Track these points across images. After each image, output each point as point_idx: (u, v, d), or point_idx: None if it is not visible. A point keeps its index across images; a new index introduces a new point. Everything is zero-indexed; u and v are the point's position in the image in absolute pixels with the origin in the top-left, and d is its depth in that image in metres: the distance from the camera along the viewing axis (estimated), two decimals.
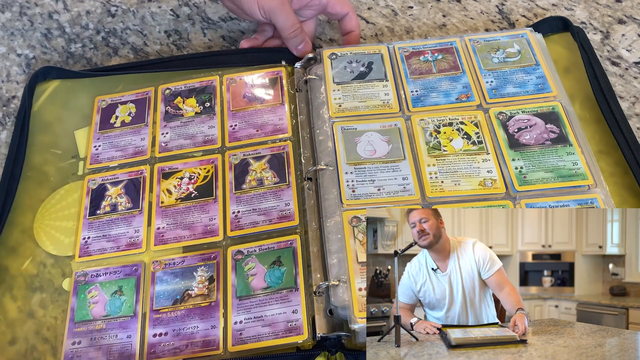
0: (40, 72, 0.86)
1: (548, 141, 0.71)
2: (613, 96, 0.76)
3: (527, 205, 0.66)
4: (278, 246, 0.68)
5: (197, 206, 0.72)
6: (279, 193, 0.72)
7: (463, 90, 0.77)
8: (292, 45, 0.83)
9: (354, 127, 0.74)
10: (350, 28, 0.86)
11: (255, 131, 0.78)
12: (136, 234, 0.71)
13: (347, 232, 0.65)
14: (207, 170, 0.75)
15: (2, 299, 0.69)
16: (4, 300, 0.69)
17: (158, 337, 0.65)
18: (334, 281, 0.63)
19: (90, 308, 0.67)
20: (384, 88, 0.78)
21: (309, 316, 0.63)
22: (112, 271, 0.69)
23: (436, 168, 0.70)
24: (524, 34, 0.81)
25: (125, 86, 0.85)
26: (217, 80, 0.83)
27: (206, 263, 0.68)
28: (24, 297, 0.70)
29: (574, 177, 0.68)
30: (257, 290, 0.66)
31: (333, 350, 0.62)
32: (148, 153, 0.78)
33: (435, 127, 0.73)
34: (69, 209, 0.75)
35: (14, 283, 0.71)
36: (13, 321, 0.68)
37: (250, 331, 0.63)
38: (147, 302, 0.67)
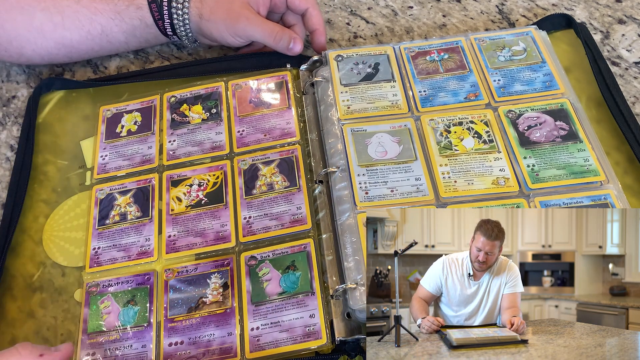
0: (43, 84, 0.85)
1: (558, 138, 0.71)
2: (619, 92, 0.76)
3: (541, 203, 0.66)
4: (291, 250, 0.68)
5: (208, 213, 0.72)
6: (290, 197, 0.72)
7: (471, 89, 0.77)
8: (282, 48, 0.82)
9: (363, 129, 0.74)
10: (312, 26, 0.85)
11: (263, 136, 0.77)
12: (147, 242, 0.71)
13: (362, 234, 0.65)
14: (216, 176, 0.75)
15: (2, 299, 0.69)
16: (4, 300, 0.69)
17: (174, 346, 0.64)
18: (350, 284, 0.63)
19: (104, 319, 0.66)
20: (392, 89, 0.78)
21: (326, 320, 0.63)
22: (124, 281, 0.69)
23: (448, 168, 0.69)
24: (528, 31, 0.82)
25: (129, 95, 0.84)
26: (223, 86, 0.83)
27: (220, 270, 0.68)
28: (24, 297, 0.69)
29: (586, 173, 0.68)
30: (273, 296, 0.65)
31: (352, 354, 0.62)
32: (156, 161, 0.77)
33: (446, 127, 0.73)
34: (77, 220, 0.74)
35: (14, 283, 0.70)
36: (13, 321, 0.68)
37: (268, 337, 0.63)
38: (161, 311, 0.66)
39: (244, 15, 0.79)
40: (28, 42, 0.81)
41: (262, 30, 0.80)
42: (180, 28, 0.82)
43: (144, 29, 0.83)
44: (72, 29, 0.81)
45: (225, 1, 0.80)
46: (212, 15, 0.80)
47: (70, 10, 0.81)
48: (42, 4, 0.80)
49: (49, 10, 0.80)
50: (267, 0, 0.82)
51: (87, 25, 0.81)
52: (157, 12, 0.80)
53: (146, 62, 0.91)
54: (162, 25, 0.81)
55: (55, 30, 0.81)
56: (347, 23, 0.93)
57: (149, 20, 0.81)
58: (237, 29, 0.80)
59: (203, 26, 0.81)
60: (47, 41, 0.82)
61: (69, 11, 0.80)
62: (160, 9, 0.80)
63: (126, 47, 0.86)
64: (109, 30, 0.82)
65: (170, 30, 0.82)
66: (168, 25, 0.81)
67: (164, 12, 0.80)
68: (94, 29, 0.82)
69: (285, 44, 0.81)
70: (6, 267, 0.71)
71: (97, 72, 0.90)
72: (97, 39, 0.83)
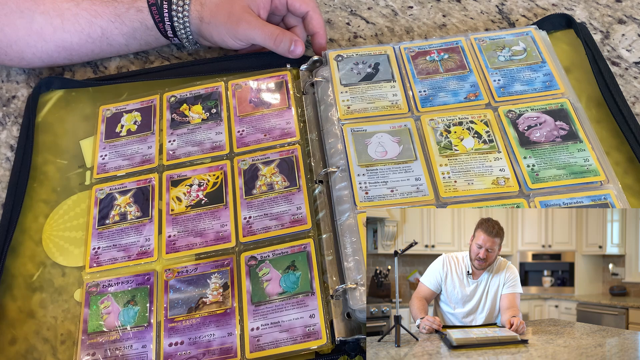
0: (43, 83, 0.85)
1: (558, 138, 0.71)
2: (619, 92, 0.76)
3: (541, 203, 0.66)
4: (291, 250, 0.68)
5: (208, 213, 0.72)
6: (290, 197, 0.72)
7: (471, 89, 0.77)
8: (283, 51, 0.81)
9: (363, 129, 0.74)
10: (313, 29, 0.84)
11: (263, 136, 0.77)
12: (147, 242, 0.71)
13: (362, 234, 0.65)
14: (216, 176, 0.75)
15: (2, 299, 0.69)
16: (4, 301, 0.69)
17: (174, 346, 0.64)
18: (351, 284, 0.63)
19: (104, 319, 0.66)
20: (392, 89, 0.78)
21: (326, 320, 0.63)
22: (124, 281, 0.69)
23: (448, 168, 0.69)
24: (528, 31, 0.82)
25: (129, 94, 0.84)
26: (223, 86, 0.83)
27: (220, 270, 0.68)
28: (24, 297, 0.69)
29: (586, 173, 0.68)
30: (273, 296, 0.65)
31: (352, 354, 0.62)
32: (156, 161, 0.77)
33: (446, 127, 0.73)
34: (77, 220, 0.74)
35: (14, 283, 0.70)
36: (13, 321, 0.68)
37: (268, 337, 0.63)
38: (161, 311, 0.66)
39: (245, 19, 0.79)
40: (28, 46, 0.81)
41: (263, 33, 0.80)
42: (180, 30, 0.82)
43: (144, 31, 0.83)
44: (72, 31, 0.81)
45: (225, 4, 0.80)
46: (212, 18, 0.80)
47: (70, 13, 0.80)
48: (41, 7, 0.80)
49: (49, 13, 0.80)
50: (267, 3, 0.82)
51: (87, 28, 0.81)
52: (158, 14, 0.80)
53: (146, 62, 0.91)
54: (163, 27, 0.81)
55: (55, 33, 0.81)
56: (347, 23, 0.93)
57: (149, 22, 0.81)
58: (238, 32, 0.80)
59: (203, 29, 0.81)
60: (47, 44, 0.82)
61: (69, 14, 0.80)
62: (161, 12, 0.80)
63: (126, 50, 0.86)
64: (109, 33, 0.82)
65: (171, 32, 0.82)
66: (169, 27, 0.81)
67: (164, 14, 0.80)
68: (94, 32, 0.82)
69: (286, 46, 0.81)
70: (6, 267, 0.71)
71: (97, 71, 0.90)
72: (97, 42, 0.83)
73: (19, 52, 0.82)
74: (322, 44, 0.85)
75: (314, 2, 0.84)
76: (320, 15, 0.85)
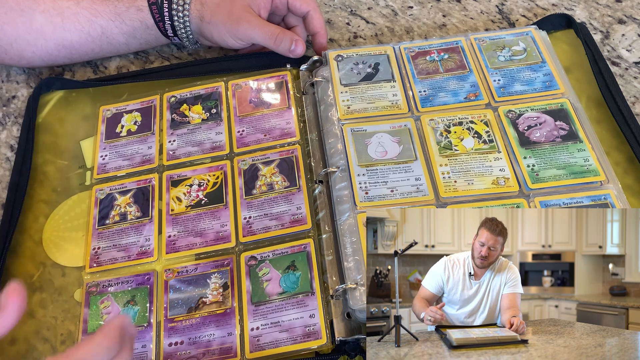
0: (43, 83, 0.85)
1: (558, 138, 0.71)
2: (619, 92, 0.76)
3: (541, 203, 0.66)
4: (291, 250, 0.68)
5: (208, 213, 0.72)
6: (290, 197, 0.72)
7: (471, 89, 0.77)
8: (283, 51, 0.81)
9: (363, 129, 0.74)
10: (313, 29, 0.84)
11: (263, 136, 0.77)
12: (147, 242, 0.71)
13: (362, 234, 0.65)
14: (216, 176, 0.75)
15: None
16: None
17: (174, 346, 0.64)
18: (351, 284, 0.63)
19: (104, 319, 0.66)
20: (392, 89, 0.78)
21: (326, 320, 0.63)
22: (123, 281, 0.69)
23: (448, 168, 0.69)
24: (528, 31, 0.82)
25: (129, 95, 0.84)
26: (223, 87, 0.83)
27: (220, 270, 0.68)
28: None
29: (586, 173, 0.68)
30: (273, 296, 0.65)
31: (352, 354, 0.62)
32: (156, 161, 0.77)
33: (446, 127, 0.73)
34: (77, 220, 0.74)
35: None
36: None
37: (268, 337, 0.63)
38: (161, 311, 0.66)
39: (245, 18, 0.79)
40: (28, 45, 0.81)
41: (263, 33, 0.80)
42: (181, 30, 0.82)
43: (145, 30, 0.83)
44: (72, 30, 0.81)
45: (226, 3, 0.80)
46: (212, 17, 0.80)
47: (70, 12, 0.81)
48: (41, 6, 0.80)
49: (49, 12, 0.80)
50: (268, 3, 0.82)
51: (87, 27, 0.81)
52: (158, 13, 0.80)
53: (146, 62, 0.91)
54: (163, 26, 0.81)
55: (55, 32, 0.81)
56: (347, 23, 0.93)
57: (149, 21, 0.81)
58: (238, 32, 0.80)
59: (204, 28, 0.81)
60: (47, 43, 0.82)
61: (69, 13, 0.80)
62: (161, 11, 0.80)
63: (127, 49, 0.86)
64: (109, 32, 0.82)
65: (171, 31, 0.82)
66: (169, 26, 0.81)
67: (164, 13, 0.80)
68: (94, 31, 0.82)
69: (286, 46, 0.81)
70: (6, 267, 0.71)
71: (97, 72, 0.91)
72: (98, 41, 0.83)
73: (19, 50, 0.82)
74: (323, 43, 0.85)
75: (314, 2, 0.84)
76: (321, 15, 0.85)
